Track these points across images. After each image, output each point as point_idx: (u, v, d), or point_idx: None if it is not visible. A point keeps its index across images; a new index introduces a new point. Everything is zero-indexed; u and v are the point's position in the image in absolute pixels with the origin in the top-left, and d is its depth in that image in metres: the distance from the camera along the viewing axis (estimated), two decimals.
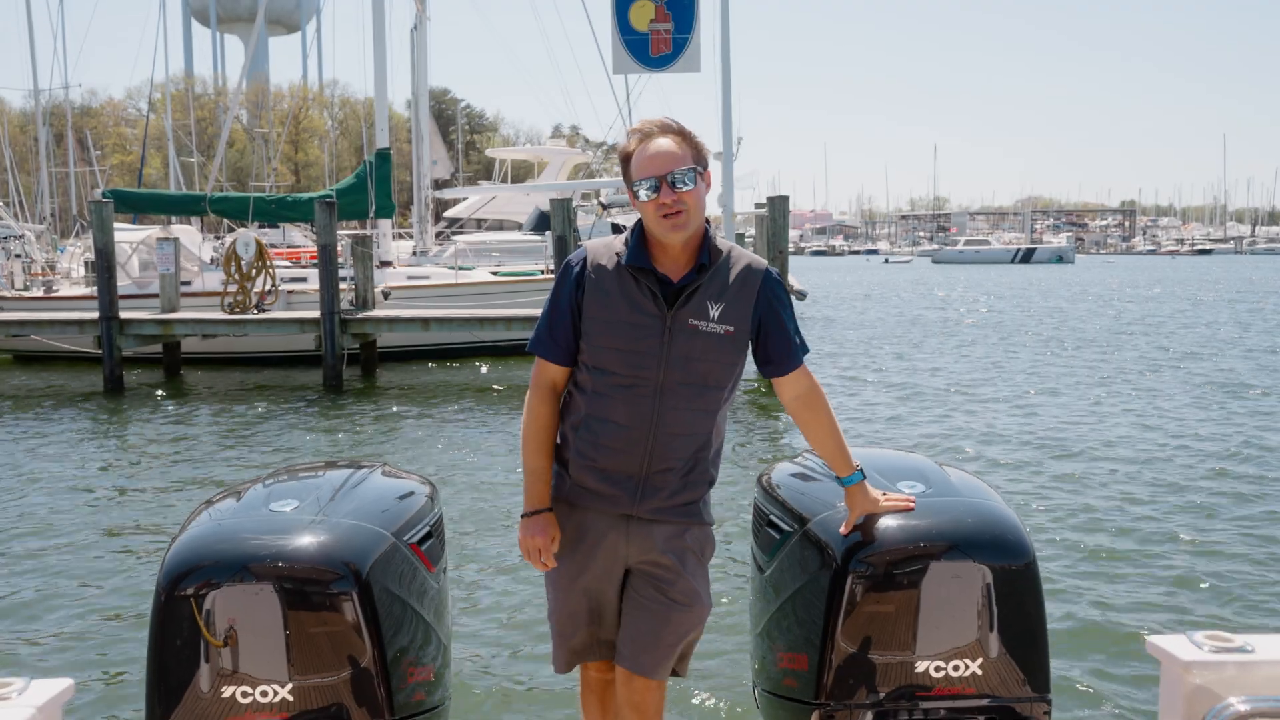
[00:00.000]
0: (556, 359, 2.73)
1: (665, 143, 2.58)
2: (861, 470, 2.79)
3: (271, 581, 2.66)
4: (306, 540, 2.74)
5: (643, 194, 2.58)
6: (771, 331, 2.71)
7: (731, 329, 2.63)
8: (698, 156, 2.61)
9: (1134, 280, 50.88)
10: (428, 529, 3.16)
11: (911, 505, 2.79)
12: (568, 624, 2.79)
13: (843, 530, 2.77)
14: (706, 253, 2.63)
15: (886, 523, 2.76)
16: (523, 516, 2.75)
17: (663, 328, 2.59)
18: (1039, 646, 2.76)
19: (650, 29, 16.27)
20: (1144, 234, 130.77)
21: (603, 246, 2.71)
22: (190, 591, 2.69)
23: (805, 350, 2.78)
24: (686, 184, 2.55)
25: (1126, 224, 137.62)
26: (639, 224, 2.68)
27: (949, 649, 2.71)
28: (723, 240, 2.72)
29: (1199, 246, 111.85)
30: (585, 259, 2.69)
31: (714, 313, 2.62)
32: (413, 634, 2.98)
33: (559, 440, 2.78)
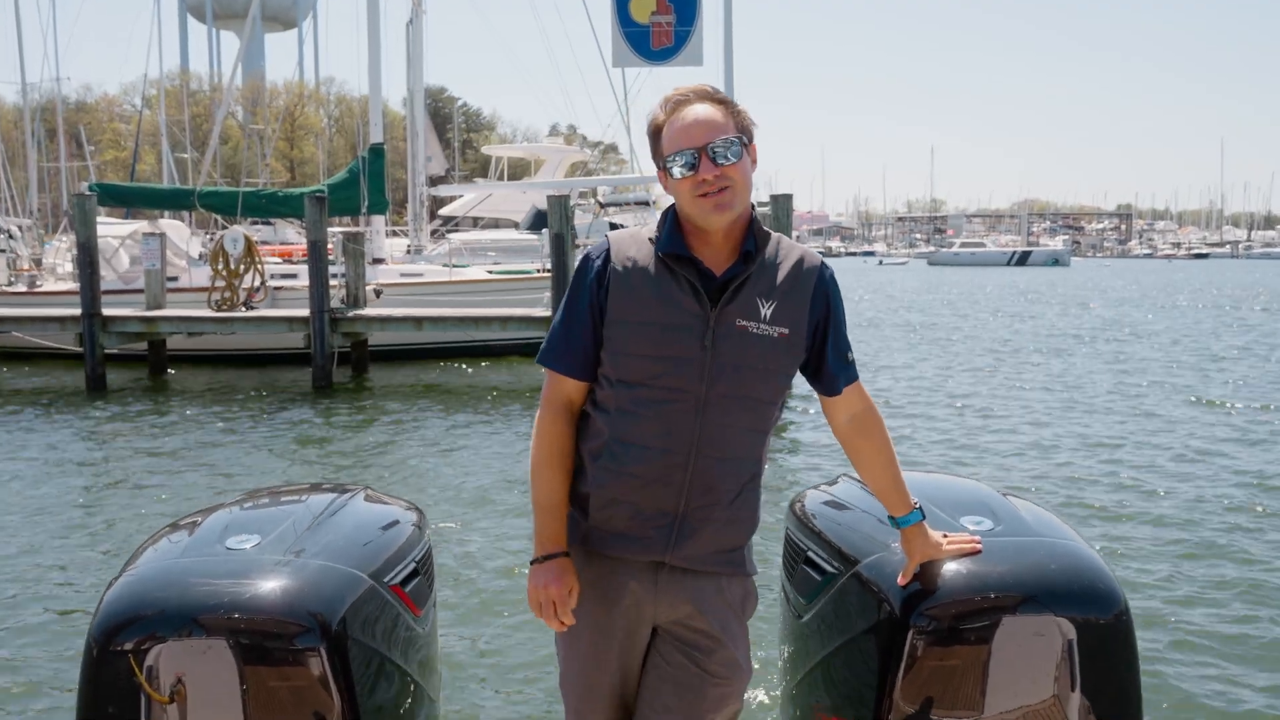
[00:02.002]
0: (573, 372, 2.25)
1: (703, 109, 2.15)
2: (920, 509, 2.36)
3: (225, 636, 2.26)
4: (268, 586, 2.33)
5: (677, 171, 2.13)
6: (826, 339, 2.27)
7: (786, 331, 2.19)
8: (742, 126, 2.16)
9: (1151, 284, 50.48)
10: (413, 565, 2.75)
11: (978, 548, 2.38)
12: (584, 698, 2.32)
13: (901, 581, 2.36)
14: (753, 239, 2.19)
15: (952, 568, 2.35)
16: (532, 563, 2.27)
17: (706, 329, 2.14)
18: (1133, 714, 2.35)
19: (651, 21, 15.88)
20: (1140, 237, 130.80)
21: (629, 236, 2.27)
22: (128, 646, 2.28)
23: (857, 367, 2.35)
24: (730, 157, 2.11)
25: (1123, 227, 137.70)
26: (671, 210, 2.24)
27: (1026, 716, 2.30)
28: (768, 229, 2.28)
29: (1195, 250, 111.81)
30: (609, 251, 2.24)
31: (766, 311, 2.17)
32: (392, 691, 2.57)
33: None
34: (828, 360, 2.28)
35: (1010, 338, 22.15)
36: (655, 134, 2.21)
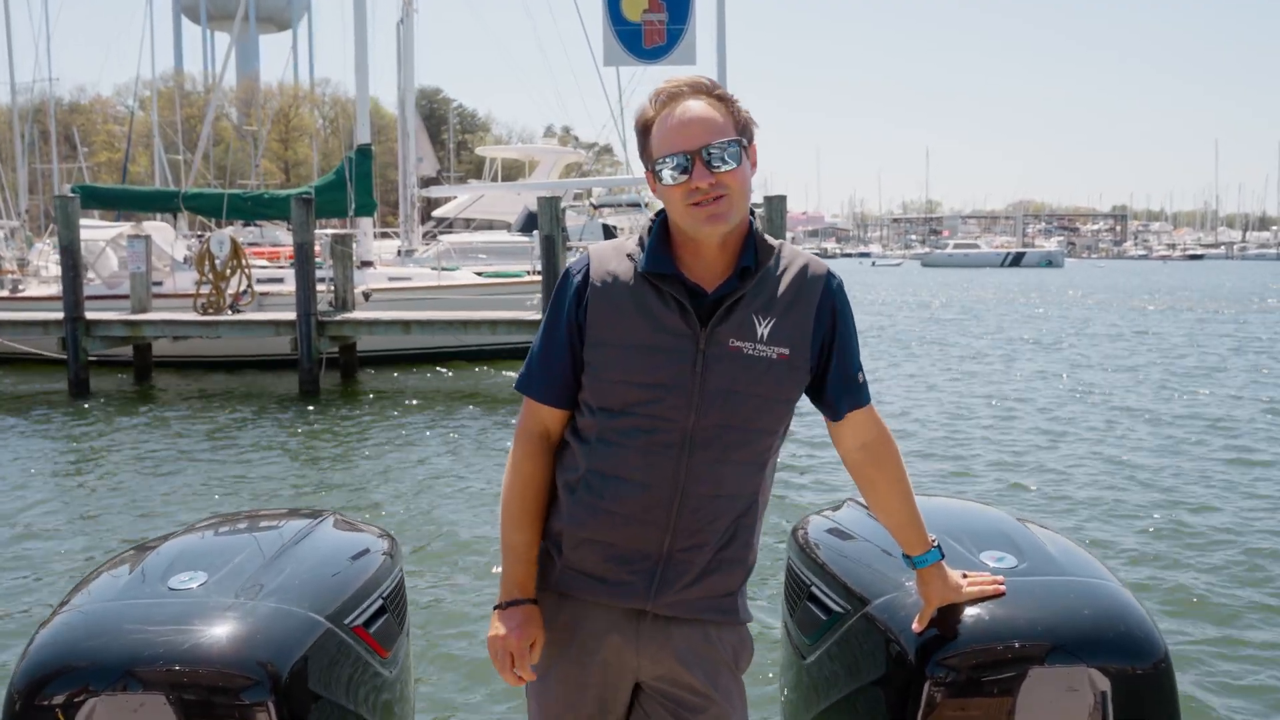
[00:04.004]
0: (551, 400, 2.03)
1: (698, 106, 1.90)
2: (939, 548, 2.13)
3: (163, 690, 2.04)
4: (213, 632, 2.10)
5: (667, 176, 1.89)
6: (835, 358, 2.02)
7: (786, 352, 1.94)
8: (741, 126, 1.93)
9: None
10: (380, 603, 2.51)
11: (1002, 589, 2.15)
12: None
13: (916, 626, 2.14)
14: (752, 252, 1.95)
15: (973, 612, 2.13)
16: (495, 608, 2.05)
17: (694, 352, 1.91)
18: None
19: (643, 19, 15.62)
20: (1135, 238, 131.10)
21: (611, 250, 2.03)
22: (57, 700, 2.06)
23: (869, 387, 2.10)
24: (727, 162, 1.87)
25: (1118, 228, 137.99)
26: (660, 217, 2.00)
27: None
28: (769, 237, 2.03)
29: (1190, 252, 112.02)
30: (588, 266, 2.01)
31: (763, 330, 1.93)
32: None
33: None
34: (832, 382, 2.03)
35: (998, 342, 21.94)
36: (644, 131, 1.95)
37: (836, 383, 2.03)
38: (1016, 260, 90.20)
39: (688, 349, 1.92)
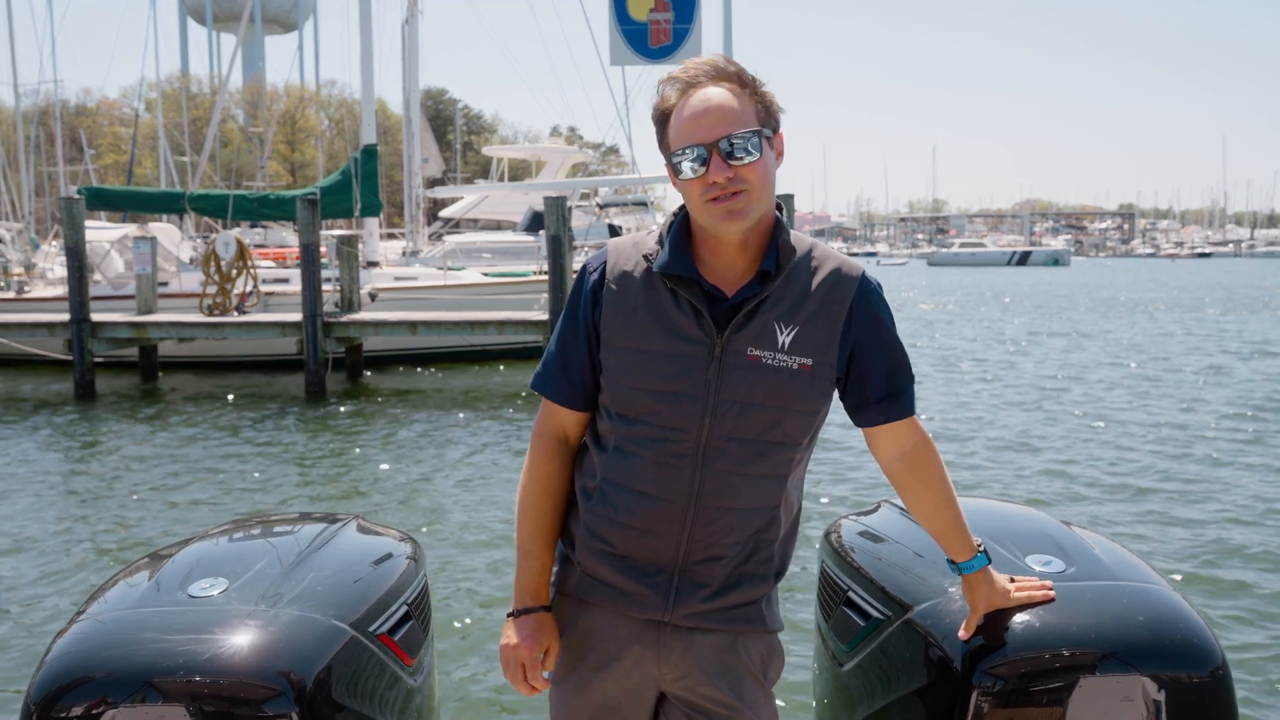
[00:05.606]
0: (568, 401, 1.95)
1: (717, 94, 1.78)
2: (985, 552, 2.05)
3: (183, 702, 1.98)
4: (235, 641, 2.04)
5: (685, 169, 1.78)
6: (869, 366, 1.91)
7: (809, 362, 1.84)
8: (765, 114, 1.81)
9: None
10: (404, 609, 2.45)
11: (1051, 595, 2.07)
12: None
13: (963, 634, 2.06)
14: (774, 254, 1.84)
15: (1021, 619, 2.05)
16: (509, 616, 1.99)
17: (709, 360, 1.83)
18: None
19: (650, 19, 15.62)
20: (1143, 236, 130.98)
21: (630, 247, 1.93)
22: (75, 712, 2.01)
23: (913, 398, 1.99)
24: (749, 153, 1.76)
25: (1125, 226, 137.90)
26: (681, 213, 1.91)
27: None
28: (799, 235, 1.93)
29: (1198, 249, 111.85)
30: (605, 264, 1.92)
31: (784, 338, 1.83)
32: None
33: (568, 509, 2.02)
34: (869, 392, 1.93)
35: (1005, 341, 21.84)
36: (662, 121, 1.85)
37: (870, 393, 1.93)
38: (1023, 259, 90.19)
39: (702, 356, 1.83)
